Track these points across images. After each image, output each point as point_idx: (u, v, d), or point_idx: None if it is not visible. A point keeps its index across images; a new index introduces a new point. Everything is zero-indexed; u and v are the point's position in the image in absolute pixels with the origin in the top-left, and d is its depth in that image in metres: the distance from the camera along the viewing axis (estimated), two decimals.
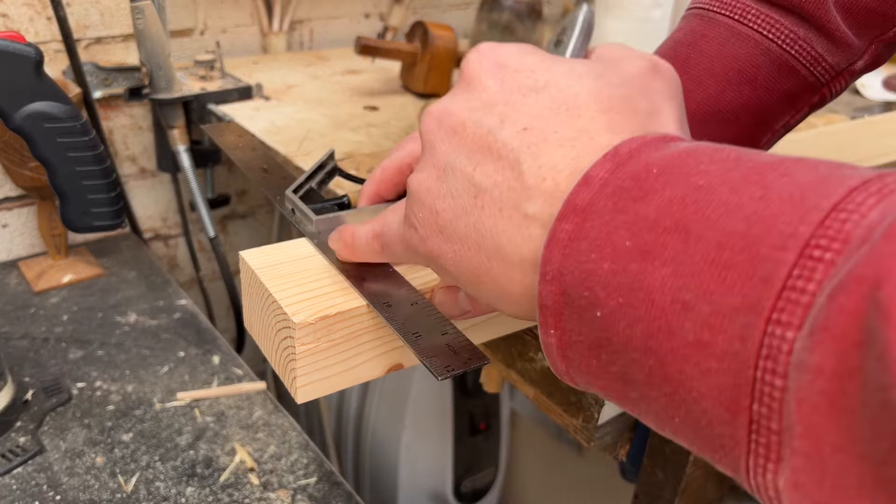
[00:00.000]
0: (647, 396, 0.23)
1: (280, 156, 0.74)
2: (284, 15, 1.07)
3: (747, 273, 0.20)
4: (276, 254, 0.39)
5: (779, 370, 0.19)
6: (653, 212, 0.22)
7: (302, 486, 0.57)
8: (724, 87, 0.44)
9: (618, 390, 0.24)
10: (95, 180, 0.70)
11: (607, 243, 0.23)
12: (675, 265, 0.21)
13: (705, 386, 0.20)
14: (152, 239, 1.04)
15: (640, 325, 0.22)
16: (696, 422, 0.21)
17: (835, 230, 0.19)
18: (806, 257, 0.19)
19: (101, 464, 0.58)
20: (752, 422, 0.20)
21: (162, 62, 0.79)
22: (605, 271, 0.23)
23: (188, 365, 0.70)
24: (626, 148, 0.25)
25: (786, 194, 0.20)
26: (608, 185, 0.24)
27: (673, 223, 0.22)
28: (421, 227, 0.30)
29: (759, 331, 0.19)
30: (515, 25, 1.07)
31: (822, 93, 0.46)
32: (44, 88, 0.64)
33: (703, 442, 0.22)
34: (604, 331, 0.23)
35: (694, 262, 0.21)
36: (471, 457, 1.07)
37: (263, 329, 0.38)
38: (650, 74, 0.30)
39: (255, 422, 0.63)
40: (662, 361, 0.21)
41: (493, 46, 0.30)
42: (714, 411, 0.20)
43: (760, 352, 0.19)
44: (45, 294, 0.79)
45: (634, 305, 0.22)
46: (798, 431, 0.18)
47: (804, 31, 0.43)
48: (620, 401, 0.25)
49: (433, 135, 0.30)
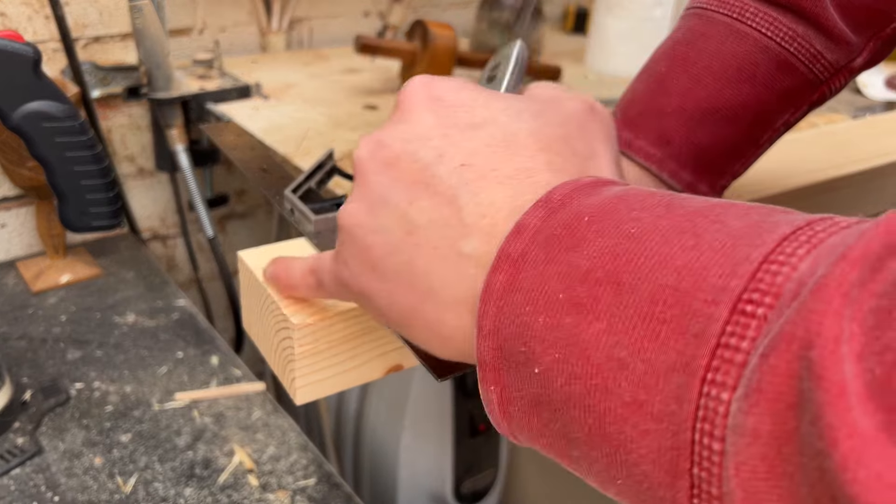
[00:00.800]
0: (589, 456, 0.22)
1: (279, 155, 0.73)
2: (283, 14, 1.07)
3: (680, 328, 0.19)
4: (274, 254, 0.39)
5: (716, 433, 0.18)
6: (585, 262, 0.22)
7: (301, 487, 0.57)
8: (723, 86, 0.44)
9: (560, 449, 0.23)
10: (94, 180, 0.69)
11: (541, 295, 0.22)
12: (608, 319, 0.20)
13: (644, 448, 0.20)
14: (151, 239, 1.04)
15: (578, 383, 0.21)
16: (638, 484, 0.20)
17: (766, 284, 0.18)
18: (738, 313, 0.18)
19: (99, 464, 0.57)
20: (693, 486, 0.19)
21: (160, 61, 0.79)
22: (539, 325, 0.22)
23: (187, 365, 0.69)
24: (558, 194, 0.24)
25: (717, 244, 0.20)
26: (540, 232, 0.23)
27: (605, 274, 0.21)
28: (352, 264, 0.29)
29: (695, 391, 0.18)
30: (515, 24, 1.06)
31: (821, 90, 0.46)
32: (42, 88, 0.64)
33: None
34: (542, 387, 0.22)
35: (627, 317, 0.20)
36: (471, 458, 1.06)
37: (262, 330, 0.38)
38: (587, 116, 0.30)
39: (254, 423, 0.63)
40: (601, 421, 0.21)
41: (431, 79, 0.30)
42: (654, 474, 0.20)
43: (697, 413, 0.18)
44: (44, 294, 0.79)
45: (571, 361, 0.21)
46: (738, 497, 0.17)
47: (803, 28, 0.43)
48: (564, 460, 0.24)
49: (366, 166, 0.29)
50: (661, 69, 0.46)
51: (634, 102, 0.47)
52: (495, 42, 1.07)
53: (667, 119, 0.45)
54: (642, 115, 0.46)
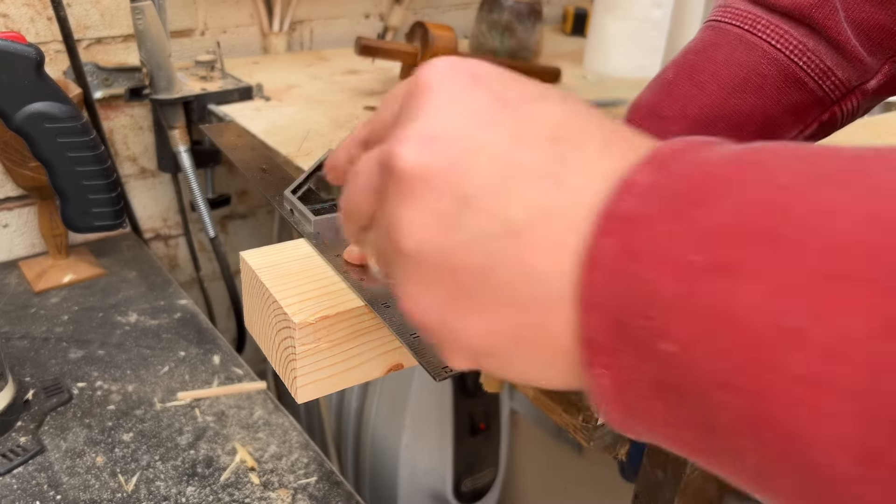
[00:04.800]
0: (735, 448, 0.18)
1: (280, 156, 0.74)
2: (285, 15, 1.07)
3: (882, 287, 0.16)
4: (276, 254, 0.39)
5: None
6: (723, 217, 0.18)
7: (302, 485, 0.57)
8: (728, 94, 0.44)
9: (691, 441, 0.20)
10: (96, 180, 0.70)
11: (667, 259, 0.19)
12: (770, 281, 0.17)
13: (824, 433, 0.16)
14: (153, 239, 1.04)
15: (725, 360, 0.17)
16: (812, 479, 0.17)
17: None
18: None
19: (101, 463, 0.58)
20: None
21: (162, 62, 0.79)
22: (668, 293, 0.18)
23: (188, 365, 0.70)
24: (667, 149, 0.20)
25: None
26: (654, 189, 0.19)
27: (757, 230, 0.17)
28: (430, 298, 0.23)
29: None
30: (515, 25, 1.07)
31: (832, 111, 0.45)
32: (44, 89, 0.64)
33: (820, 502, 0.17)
34: (672, 367, 0.19)
35: (796, 277, 0.17)
36: (471, 457, 1.07)
37: (264, 329, 0.38)
38: None
39: (256, 421, 0.63)
40: (759, 404, 0.17)
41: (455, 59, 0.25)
42: (840, 465, 0.16)
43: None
44: (46, 294, 0.79)
45: (715, 334, 0.18)
46: None
47: (813, 42, 0.43)
48: (696, 454, 0.20)
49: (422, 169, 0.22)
50: (668, 76, 0.47)
51: (639, 107, 0.48)
52: (495, 43, 1.08)
53: (668, 124, 0.45)
54: (645, 119, 0.46)
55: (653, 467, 0.55)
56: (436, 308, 0.23)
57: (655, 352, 0.19)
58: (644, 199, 0.19)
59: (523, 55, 1.09)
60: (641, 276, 0.19)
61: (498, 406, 1.07)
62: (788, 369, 0.17)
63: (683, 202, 0.19)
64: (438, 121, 0.23)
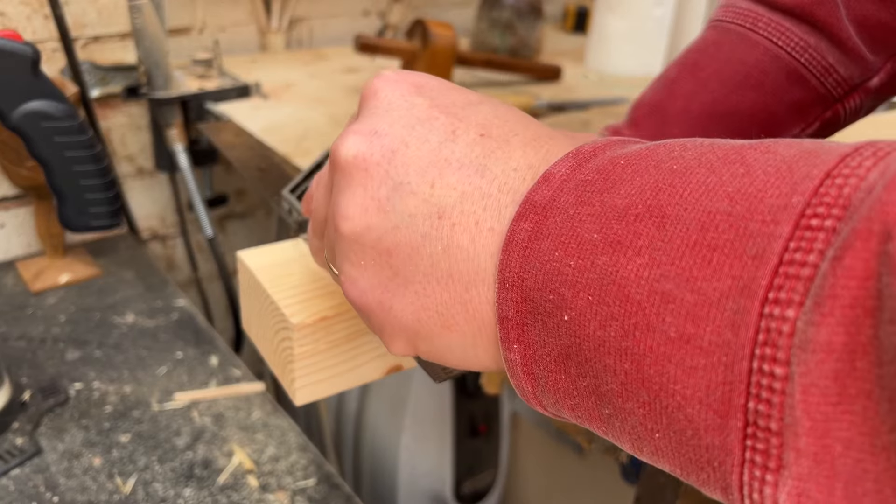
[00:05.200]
0: (623, 410, 0.20)
1: (278, 154, 0.73)
2: (283, 13, 1.07)
3: (735, 252, 0.17)
4: (274, 254, 0.39)
5: (780, 356, 0.16)
6: (622, 200, 0.20)
7: (301, 487, 0.57)
8: (729, 91, 0.44)
9: (589, 408, 0.21)
10: (93, 180, 0.69)
11: (572, 239, 0.20)
12: (650, 253, 0.19)
13: (690, 387, 0.18)
14: (150, 239, 1.04)
15: (614, 325, 0.19)
16: (680, 434, 0.19)
17: (833, 196, 0.16)
18: (803, 228, 0.17)
19: (98, 465, 0.57)
20: (748, 424, 0.17)
21: (160, 61, 0.79)
22: (571, 269, 0.20)
23: (186, 366, 0.69)
24: (588, 147, 0.22)
25: (771, 168, 0.18)
26: (570, 180, 0.21)
27: (645, 209, 0.19)
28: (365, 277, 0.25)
29: (754, 314, 0.17)
30: (516, 23, 1.06)
31: (835, 108, 0.45)
32: (41, 87, 0.64)
33: (688, 459, 0.19)
34: (573, 336, 0.20)
35: (673, 248, 0.18)
36: (471, 458, 1.06)
37: (262, 330, 0.38)
38: None
39: (254, 423, 0.63)
40: (640, 364, 0.19)
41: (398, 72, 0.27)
42: (701, 417, 0.18)
43: (756, 338, 0.17)
44: (43, 294, 0.79)
45: (606, 302, 0.19)
46: (804, 427, 0.16)
47: (815, 40, 0.43)
48: (593, 421, 0.22)
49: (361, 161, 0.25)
50: (671, 74, 0.47)
51: (642, 105, 0.48)
52: (496, 41, 1.07)
53: (670, 120, 0.45)
54: (647, 116, 0.47)
55: (654, 469, 0.55)
56: (373, 288, 0.25)
57: (559, 324, 0.21)
58: (559, 189, 0.21)
59: (524, 53, 1.09)
60: (549, 255, 0.21)
61: (498, 407, 1.07)
62: (663, 330, 0.18)
63: (591, 190, 0.21)
64: (380, 120, 0.25)
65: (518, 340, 0.22)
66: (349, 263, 0.25)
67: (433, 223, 0.23)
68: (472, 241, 0.23)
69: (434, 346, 0.25)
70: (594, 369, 0.20)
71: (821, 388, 0.16)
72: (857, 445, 0.15)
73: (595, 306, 0.20)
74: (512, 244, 0.22)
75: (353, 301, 0.26)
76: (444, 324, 0.24)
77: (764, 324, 0.17)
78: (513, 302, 0.22)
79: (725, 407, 0.17)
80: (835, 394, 0.15)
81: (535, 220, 0.21)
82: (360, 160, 0.25)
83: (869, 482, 0.15)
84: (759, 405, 0.17)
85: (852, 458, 0.16)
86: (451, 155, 0.24)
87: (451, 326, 0.24)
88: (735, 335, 0.17)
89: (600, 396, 0.20)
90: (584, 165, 0.22)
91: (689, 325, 0.18)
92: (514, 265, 0.22)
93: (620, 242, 0.19)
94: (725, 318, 0.17)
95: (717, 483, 0.18)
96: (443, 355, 0.25)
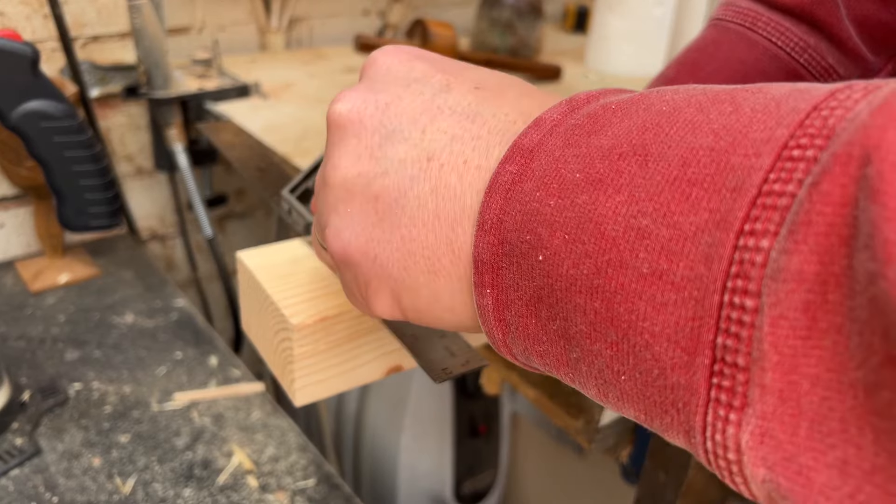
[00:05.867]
0: (591, 352, 0.20)
1: (277, 154, 0.73)
2: (283, 12, 1.07)
3: (714, 186, 0.17)
4: (273, 254, 0.39)
5: (751, 288, 0.16)
6: (607, 141, 0.20)
7: (301, 487, 0.56)
8: None
9: (557, 354, 0.21)
10: (92, 180, 0.69)
11: (554, 179, 0.20)
12: (630, 190, 0.18)
13: (659, 324, 0.17)
14: (149, 239, 1.04)
15: (588, 262, 0.19)
16: (647, 374, 0.18)
17: (817, 127, 0.16)
18: (784, 159, 0.16)
19: (98, 465, 0.57)
20: (715, 361, 0.17)
21: (159, 60, 0.79)
22: (550, 208, 0.20)
23: (185, 366, 0.69)
24: (583, 95, 0.22)
25: (759, 105, 0.18)
26: (560, 125, 0.21)
27: (630, 147, 0.19)
28: (348, 228, 0.25)
29: (728, 246, 0.16)
30: (516, 23, 1.06)
31: None
32: (40, 87, 0.64)
33: (653, 402, 0.18)
34: (546, 276, 0.20)
35: (653, 185, 0.18)
36: (471, 459, 1.06)
37: (261, 331, 0.37)
38: None
39: (254, 423, 0.63)
40: (610, 301, 0.18)
41: (397, 45, 0.28)
42: (668, 355, 0.17)
43: (729, 270, 0.16)
44: (42, 294, 0.79)
45: (581, 240, 0.19)
46: (771, 362, 0.15)
47: (815, 40, 0.43)
48: (560, 367, 0.21)
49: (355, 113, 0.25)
50: (669, 74, 0.47)
51: None
52: (496, 41, 1.07)
53: None
54: None
55: (654, 469, 0.55)
56: (357, 237, 0.25)
57: (533, 264, 0.20)
58: (549, 133, 0.21)
59: (524, 53, 1.09)
60: (530, 196, 0.20)
61: (498, 408, 1.07)
62: (635, 266, 0.18)
63: (580, 132, 0.20)
64: (376, 81, 0.26)
65: (492, 285, 0.22)
66: (336, 214, 0.25)
67: (422, 165, 0.23)
68: (460, 178, 0.23)
69: (420, 297, 0.24)
70: (564, 310, 0.20)
71: (790, 321, 0.15)
72: (824, 382, 0.15)
73: (570, 244, 0.19)
74: (495, 187, 0.21)
75: (337, 254, 0.25)
76: (430, 268, 0.24)
77: (738, 256, 0.16)
78: (489, 245, 0.22)
79: (693, 343, 0.17)
80: (804, 327, 0.15)
81: (520, 164, 0.21)
82: (355, 113, 0.25)
83: (835, 421, 0.15)
84: (727, 340, 0.16)
85: (818, 396, 0.15)
86: (444, 103, 0.24)
87: (438, 271, 0.23)
88: (708, 269, 0.17)
89: (569, 339, 0.20)
90: (576, 111, 0.21)
91: (663, 260, 0.17)
92: (494, 207, 0.21)
93: (601, 180, 0.19)
94: (699, 252, 0.17)
95: (681, 426, 0.18)
96: (429, 308, 0.24)
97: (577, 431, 0.53)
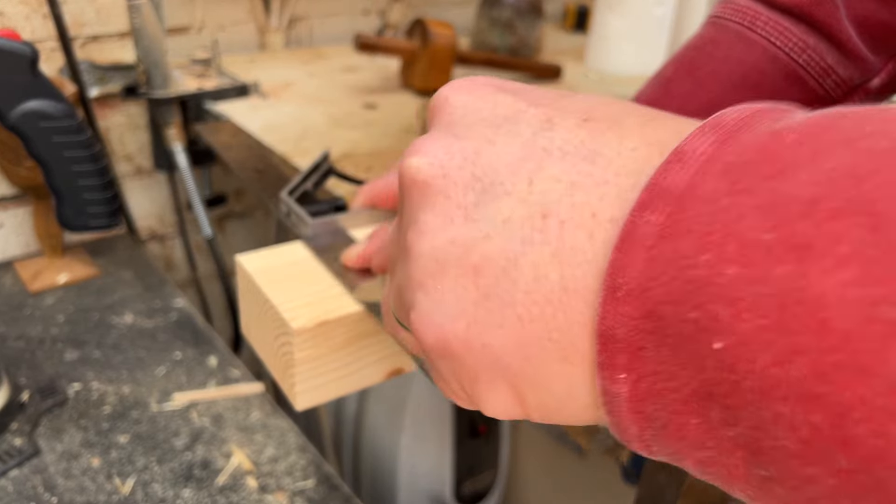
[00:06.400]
0: (798, 476, 0.15)
1: (276, 155, 0.73)
2: (282, 12, 1.06)
3: None
4: (273, 258, 0.39)
5: None
6: (804, 190, 0.15)
7: (300, 488, 0.56)
8: (727, 91, 0.44)
9: (731, 466, 0.16)
10: (91, 179, 0.69)
11: (729, 238, 0.15)
12: (861, 266, 0.14)
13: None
14: (149, 239, 1.03)
15: (803, 362, 0.14)
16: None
17: None
18: None
19: (97, 466, 0.57)
20: None
21: (158, 60, 0.78)
22: (728, 280, 0.15)
23: (185, 366, 0.69)
24: (731, 117, 0.17)
25: None
26: (715, 160, 0.16)
27: (846, 202, 0.14)
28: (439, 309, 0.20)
29: None
30: (516, 22, 1.06)
31: None
32: (39, 87, 0.64)
33: None
34: (725, 371, 0.15)
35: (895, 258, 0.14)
36: (471, 459, 1.06)
37: (261, 334, 0.37)
38: None
39: (253, 424, 0.62)
40: (841, 419, 0.14)
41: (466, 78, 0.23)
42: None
43: None
44: (41, 294, 0.79)
45: (791, 330, 0.14)
46: None
47: (814, 40, 0.42)
48: (735, 483, 0.17)
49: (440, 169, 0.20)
50: (667, 73, 0.46)
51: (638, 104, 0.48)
52: (495, 41, 1.07)
53: None
54: None
55: (655, 470, 0.55)
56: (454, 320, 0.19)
57: (703, 352, 0.16)
58: (701, 171, 0.16)
59: (524, 52, 1.09)
60: (692, 260, 0.16)
61: None
62: (885, 375, 0.13)
63: (751, 174, 0.16)
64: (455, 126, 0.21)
65: (628, 368, 0.17)
66: (422, 292, 0.20)
67: (535, 224, 0.18)
68: (590, 237, 0.18)
69: (552, 393, 0.19)
70: (755, 418, 0.15)
71: None
72: None
73: (769, 333, 0.15)
74: (632, 240, 0.17)
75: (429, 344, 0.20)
76: (562, 355, 0.18)
77: None
78: (625, 317, 0.17)
79: None
80: None
81: (666, 212, 0.16)
82: (437, 167, 0.20)
83: None
84: None
85: None
86: (550, 144, 0.19)
87: (571, 358, 0.18)
88: None
89: (758, 454, 0.16)
90: (730, 141, 0.17)
91: None
92: (633, 268, 0.17)
93: (810, 247, 0.14)
94: None
95: None
96: (562, 405, 0.19)
97: (578, 432, 0.53)
